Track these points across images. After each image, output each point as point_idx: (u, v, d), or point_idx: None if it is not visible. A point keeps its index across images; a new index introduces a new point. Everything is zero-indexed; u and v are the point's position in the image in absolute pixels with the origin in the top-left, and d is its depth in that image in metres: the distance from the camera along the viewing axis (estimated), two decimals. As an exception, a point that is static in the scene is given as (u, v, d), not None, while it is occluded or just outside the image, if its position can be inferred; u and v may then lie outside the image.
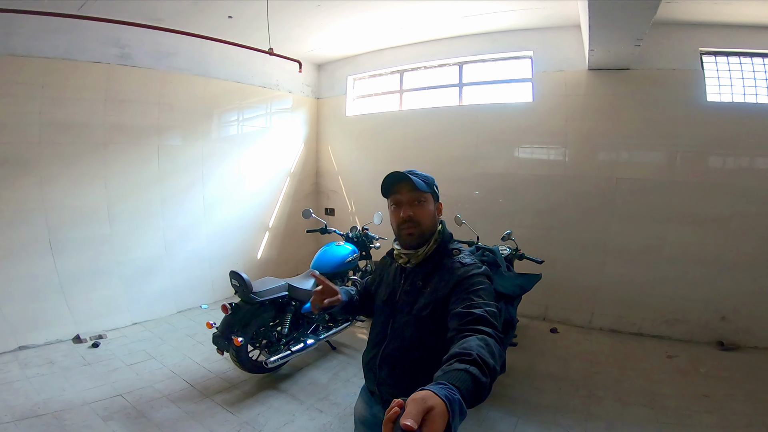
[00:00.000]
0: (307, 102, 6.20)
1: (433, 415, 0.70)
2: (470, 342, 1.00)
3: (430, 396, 0.73)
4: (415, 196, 1.34)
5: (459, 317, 1.15)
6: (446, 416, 0.73)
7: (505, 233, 3.66)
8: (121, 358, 3.60)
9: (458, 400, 0.79)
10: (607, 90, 4.22)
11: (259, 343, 3.30)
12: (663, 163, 4.13)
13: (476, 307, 1.16)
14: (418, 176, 1.35)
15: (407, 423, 0.66)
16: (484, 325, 1.10)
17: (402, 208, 1.35)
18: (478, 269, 1.31)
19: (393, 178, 1.34)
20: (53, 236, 3.79)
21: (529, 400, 3.10)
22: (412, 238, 1.35)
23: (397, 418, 0.69)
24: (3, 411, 2.74)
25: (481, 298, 1.20)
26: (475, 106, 5.06)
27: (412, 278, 1.38)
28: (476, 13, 4.29)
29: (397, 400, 0.72)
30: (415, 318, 1.33)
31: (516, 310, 3.14)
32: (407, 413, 0.68)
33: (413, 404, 0.70)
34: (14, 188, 3.58)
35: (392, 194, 1.37)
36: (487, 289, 1.25)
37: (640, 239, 4.19)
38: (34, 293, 3.71)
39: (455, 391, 0.81)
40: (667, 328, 4.12)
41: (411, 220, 1.33)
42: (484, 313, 1.13)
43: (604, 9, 2.89)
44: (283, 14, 3.99)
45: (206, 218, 4.99)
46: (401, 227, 1.36)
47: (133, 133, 4.25)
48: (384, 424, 0.70)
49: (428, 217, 1.36)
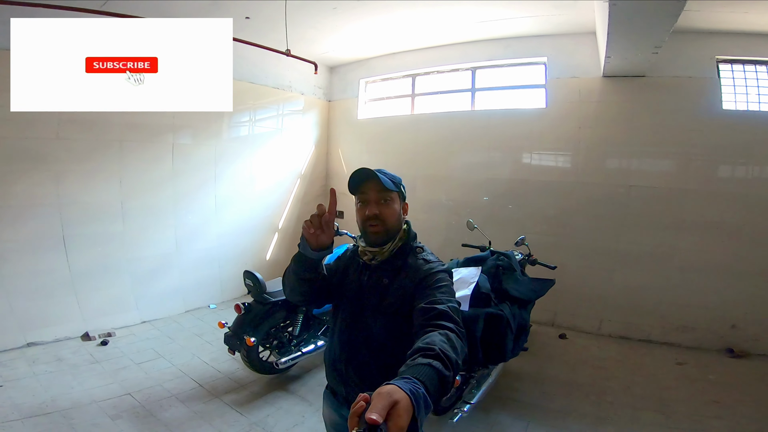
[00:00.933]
0: (319, 104, 6.22)
1: (399, 409, 0.71)
2: (433, 337, 1.02)
3: (395, 390, 0.74)
4: (382, 195, 1.35)
5: (422, 312, 1.17)
6: (411, 410, 0.74)
7: (519, 238, 3.65)
8: (130, 357, 3.60)
9: (423, 394, 0.80)
10: (622, 97, 4.22)
11: (270, 343, 3.29)
12: (676, 171, 4.12)
13: (439, 302, 1.18)
14: (386, 175, 1.36)
15: (372, 417, 0.67)
16: (447, 320, 1.12)
17: (368, 205, 1.36)
18: (441, 266, 1.34)
19: (361, 175, 1.34)
20: (67, 232, 3.80)
21: (539, 405, 3.09)
22: (377, 236, 1.36)
23: (362, 412, 0.70)
24: (10, 409, 2.73)
25: (444, 294, 1.23)
26: (487, 112, 5.06)
27: (378, 275, 1.38)
28: (491, 18, 4.31)
29: (362, 395, 0.73)
30: (383, 316, 1.33)
31: (529, 315, 3.14)
32: (372, 407, 0.69)
33: (379, 398, 0.71)
34: (30, 183, 3.61)
35: (359, 192, 1.38)
36: (449, 286, 1.29)
37: (651, 247, 4.18)
38: (44, 289, 3.71)
39: (420, 385, 0.82)
40: (677, 335, 4.10)
41: (376, 218, 1.34)
42: (447, 309, 1.16)
43: (624, 17, 2.90)
44: (298, 16, 4.00)
45: (217, 218, 5.00)
46: (366, 224, 1.37)
47: (148, 131, 4.28)
48: (350, 418, 0.71)
49: (393, 216, 1.37)
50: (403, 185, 1.44)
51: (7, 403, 2.79)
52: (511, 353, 2.83)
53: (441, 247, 5.22)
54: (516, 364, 3.48)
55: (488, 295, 2.75)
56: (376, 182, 1.32)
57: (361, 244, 1.44)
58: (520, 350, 3.03)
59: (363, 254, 1.42)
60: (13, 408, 2.74)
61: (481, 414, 2.93)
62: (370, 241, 1.39)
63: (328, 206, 1.26)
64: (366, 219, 1.35)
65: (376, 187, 1.34)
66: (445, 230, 5.27)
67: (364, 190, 1.36)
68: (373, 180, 1.33)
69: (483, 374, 3.03)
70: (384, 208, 1.35)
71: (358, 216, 1.40)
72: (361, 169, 1.34)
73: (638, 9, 2.78)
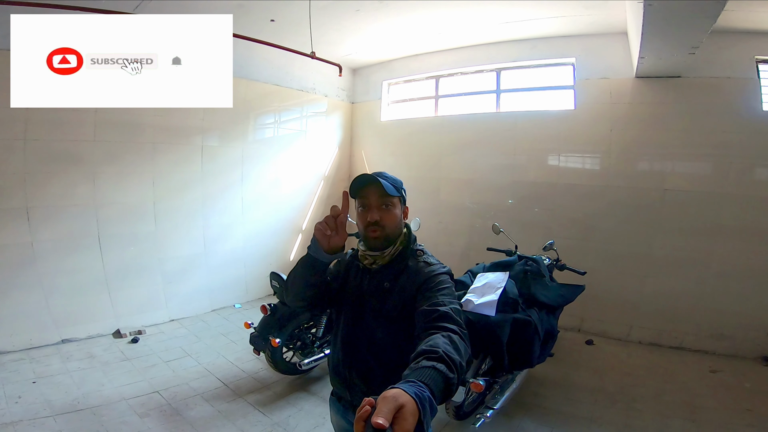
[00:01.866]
0: (342, 106, 6.25)
1: (404, 413, 0.71)
2: (436, 339, 1.02)
3: (401, 394, 0.74)
4: (383, 201, 1.35)
5: (425, 315, 1.18)
6: (417, 413, 0.73)
7: (547, 243, 3.58)
8: (159, 355, 3.68)
9: (428, 397, 0.79)
10: (656, 98, 4.08)
11: (294, 344, 3.31)
12: (713, 174, 3.96)
13: (441, 305, 1.18)
14: (387, 179, 1.36)
15: (379, 421, 0.66)
16: (449, 322, 1.12)
17: (370, 211, 1.35)
18: (442, 269, 1.35)
19: (362, 181, 1.35)
20: (102, 231, 3.92)
21: (564, 411, 3.02)
22: (377, 241, 1.36)
23: (368, 416, 0.69)
24: (42, 405, 2.79)
25: (445, 296, 1.23)
26: (513, 113, 4.98)
27: (378, 279, 1.38)
28: (517, 19, 4.24)
29: (367, 399, 0.73)
30: (385, 319, 1.33)
31: (557, 321, 3.09)
32: (378, 411, 0.69)
33: (384, 402, 0.71)
34: (69, 184, 3.74)
35: (360, 197, 1.38)
36: (451, 288, 1.29)
37: (686, 252, 4.04)
38: (79, 287, 3.83)
39: (425, 388, 0.81)
40: (711, 342, 3.96)
41: (377, 223, 1.34)
42: (449, 311, 1.16)
43: (660, 17, 2.79)
44: (322, 19, 4.03)
45: (243, 219, 5.09)
46: (367, 229, 1.36)
47: (179, 133, 4.39)
48: (355, 422, 0.71)
49: (394, 222, 1.37)
50: (404, 189, 1.44)
51: (40, 399, 2.86)
52: (538, 359, 2.79)
53: (465, 250, 5.18)
54: (541, 369, 3.40)
55: (516, 300, 2.71)
56: (377, 187, 1.33)
57: (361, 248, 1.44)
58: (546, 356, 2.98)
59: (363, 258, 1.42)
60: (45, 404, 2.81)
61: (504, 419, 2.88)
62: (371, 246, 1.39)
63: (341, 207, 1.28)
64: (367, 225, 1.35)
65: (378, 192, 1.34)
66: (468, 233, 5.23)
67: (366, 194, 1.36)
68: (374, 185, 1.33)
69: (507, 379, 2.98)
70: (385, 213, 1.35)
71: (359, 221, 1.40)
72: (363, 174, 1.35)
73: (674, 10, 2.67)
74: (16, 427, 2.56)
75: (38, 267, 3.61)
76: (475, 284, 2.86)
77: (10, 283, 3.48)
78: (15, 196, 3.46)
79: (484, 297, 2.68)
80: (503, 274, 2.90)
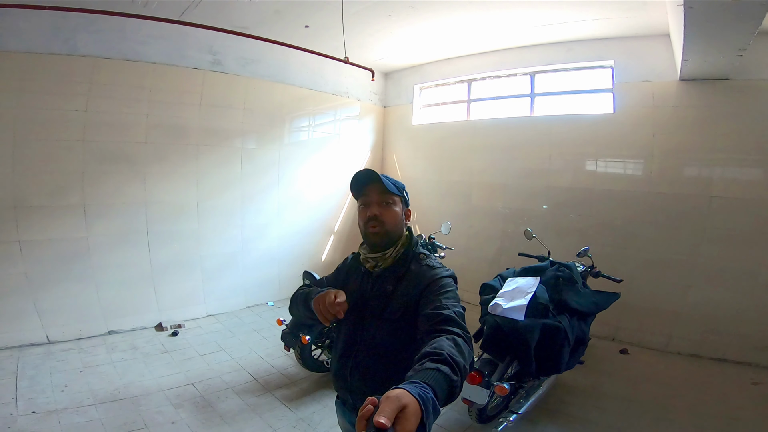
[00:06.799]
0: (374, 110, 6.34)
1: (407, 413, 0.71)
2: (441, 342, 1.02)
3: (404, 394, 0.74)
4: (384, 198, 1.37)
5: (428, 318, 1.17)
6: (419, 414, 0.74)
7: (582, 249, 3.49)
8: (195, 348, 3.85)
9: (431, 399, 0.79)
10: (702, 101, 3.89)
11: (323, 342, 3.39)
12: (764, 180, 3.72)
13: (445, 308, 1.18)
14: (389, 179, 1.37)
15: (381, 420, 0.67)
16: (453, 325, 1.12)
17: (370, 207, 1.37)
18: (446, 272, 1.34)
19: (363, 178, 1.36)
20: (150, 228, 4.15)
21: (591, 420, 2.94)
22: (377, 237, 1.36)
23: (371, 415, 0.70)
24: (86, 394, 2.95)
25: (449, 299, 1.23)
26: (548, 118, 4.88)
27: (381, 283, 1.37)
28: (552, 22, 4.17)
29: (371, 398, 0.74)
30: (387, 323, 1.32)
31: (589, 328, 3.01)
32: (381, 411, 0.69)
33: (387, 402, 0.71)
34: (120, 182, 3.98)
35: (362, 195, 1.40)
36: (454, 291, 1.29)
37: (733, 262, 3.81)
38: (128, 281, 4.07)
39: (428, 389, 0.82)
40: (755, 354, 3.72)
41: (376, 218, 1.35)
42: (453, 314, 1.16)
43: (701, 19, 2.65)
44: (354, 24, 4.09)
45: (279, 219, 5.24)
46: (367, 225, 1.37)
47: (221, 136, 4.59)
48: (358, 421, 0.71)
49: (394, 219, 1.38)
50: (406, 192, 1.46)
51: (85, 388, 3.03)
52: (567, 366, 2.73)
53: (496, 255, 5.13)
54: (570, 377, 3.33)
55: (546, 305, 2.66)
56: (378, 185, 1.35)
57: (362, 251, 1.45)
58: (576, 363, 2.92)
59: (365, 262, 1.43)
60: (89, 393, 2.97)
61: (528, 425, 2.83)
62: (371, 243, 1.40)
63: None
64: (367, 220, 1.37)
65: (378, 189, 1.36)
66: (500, 239, 5.16)
67: (367, 192, 1.39)
68: (375, 182, 1.36)
69: (533, 385, 2.94)
70: (385, 210, 1.36)
71: (360, 219, 1.42)
72: (364, 169, 1.38)
73: (716, 11, 2.53)
74: (60, 415, 2.69)
75: (92, 260, 3.85)
76: (505, 288, 2.84)
77: (65, 275, 3.73)
78: (74, 194, 3.72)
79: (514, 301, 2.66)
80: (534, 279, 2.86)
